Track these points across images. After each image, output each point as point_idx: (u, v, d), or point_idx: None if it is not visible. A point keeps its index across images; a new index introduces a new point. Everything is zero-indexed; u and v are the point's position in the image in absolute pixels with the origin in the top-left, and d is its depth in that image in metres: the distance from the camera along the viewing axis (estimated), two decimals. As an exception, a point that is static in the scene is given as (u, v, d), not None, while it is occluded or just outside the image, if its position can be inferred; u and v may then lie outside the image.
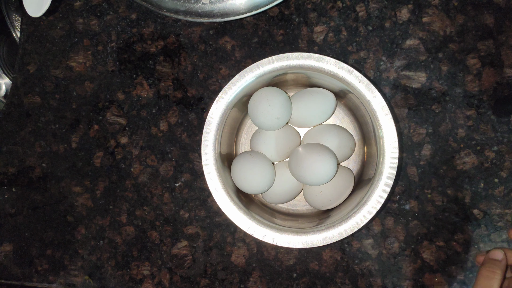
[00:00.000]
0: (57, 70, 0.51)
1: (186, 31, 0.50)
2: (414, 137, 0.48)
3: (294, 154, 0.44)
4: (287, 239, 0.41)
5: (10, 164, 0.52)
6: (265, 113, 0.43)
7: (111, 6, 0.51)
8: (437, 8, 0.48)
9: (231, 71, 0.50)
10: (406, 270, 0.48)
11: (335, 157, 0.42)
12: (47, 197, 0.51)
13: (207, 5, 0.46)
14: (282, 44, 0.49)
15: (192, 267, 0.49)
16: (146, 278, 0.50)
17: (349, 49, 0.49)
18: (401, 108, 0.48)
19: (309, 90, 0.46)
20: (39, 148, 0.52)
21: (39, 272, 0.51)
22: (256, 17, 0.49)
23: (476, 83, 0.48)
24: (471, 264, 0.47)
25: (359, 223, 0.41)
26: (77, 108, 0.51)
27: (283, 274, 0.49)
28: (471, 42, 0.48)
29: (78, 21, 0.51)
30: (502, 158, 0.47)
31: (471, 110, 0.48)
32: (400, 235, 0.48)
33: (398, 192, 0.48)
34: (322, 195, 0.45)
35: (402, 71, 0.48)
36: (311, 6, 0.49)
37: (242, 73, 0.42)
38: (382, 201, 0.41)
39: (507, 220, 0.47)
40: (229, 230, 0.49)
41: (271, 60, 0.42)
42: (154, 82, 0.50)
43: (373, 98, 0.41)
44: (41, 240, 0.51)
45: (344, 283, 0.48)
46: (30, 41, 0.52)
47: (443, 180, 0.48)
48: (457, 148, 0.48)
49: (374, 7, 0.49)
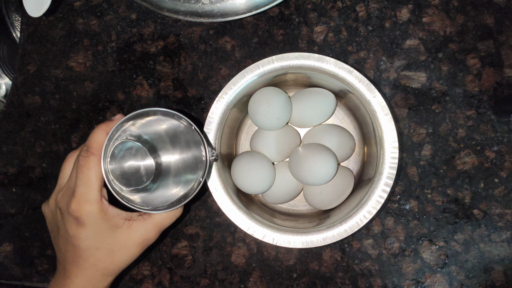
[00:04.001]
0: (57, 70, 0.51)
1: (186, 31, 0.50)
2: (414, 137, 0.48)
3: (294, 154, 0.44)
4: (287, 239, 0.41)
5: (10, 164, 0.52)
6: (265, 113, 0.43)
7: (111, 6, 0.51)
8: (437, 8, 0.48)
9: (231, 71, 0.50)
10: (406, 270, 0.48)
11: (335, 157, 0.42)
12: (47, 197, 0.51)
13: (207, 5, 0.46)
14: (282, 44, 0.49)
15: (192, 267, 0.49)
16: (146, 278, 0.50)
17: (349, 49, 0.49)
18: (401, 108, 0.48)
19: (309, 90, 0.46)
20: (39, 148, 0.52)
21: (39, 272, 0.51)
22: (256, 17, 0.49)
23: (476, 83, 0.48)
24: (471, 264, 0.47)
25: (359, 223, 0.41)
26: (77, 108, 0.51)
27: (283, 274, 0.49)
28: (471, 42, 0.48)
29: (78, 21, 0.51)
30: (502, 158, 0.47)
31: (471, 110, 0.48)
32: (400, 235, 0.48)
33: (398, 192, 0.48)
34: (322, 195, 0.45)
35: (402, 71, 0.48)
36: (311, 6, 0.49)
37: (242, 73, 0.42)
38: (382, 201, 0.41)
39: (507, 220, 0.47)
40: (229, 230, 0.49)
41: (271, 60, 0.42)
42: (154, 82, 0.50)
43: (373, 98, 0.42)
44: (41, 240, 0.51)
45: (344, 283, 0.48)
46: (30, 41, 0.52)
47: (443, 180, 0.48)
48: (457, 148, 0.48)
49: (374, 7, 0.49)
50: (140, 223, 0.37)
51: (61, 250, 0.38)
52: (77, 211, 0.35)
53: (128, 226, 0.37)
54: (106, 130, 0.36)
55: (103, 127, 0.36)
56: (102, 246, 0.36)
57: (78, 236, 0.36)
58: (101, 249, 0.36)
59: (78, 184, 0.35)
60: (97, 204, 0.35)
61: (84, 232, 0.36)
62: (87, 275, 0.37)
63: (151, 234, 0.38)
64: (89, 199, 0.35)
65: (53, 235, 0.39)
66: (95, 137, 0.36)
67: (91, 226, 0.36)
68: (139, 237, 0.37)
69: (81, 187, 0.35)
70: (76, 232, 0.36)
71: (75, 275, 0.37)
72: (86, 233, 0.36)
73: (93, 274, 0.37)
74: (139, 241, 0.37)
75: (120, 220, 0.37)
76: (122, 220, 0.37)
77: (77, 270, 0.37)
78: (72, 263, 0.37)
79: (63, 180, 0.38)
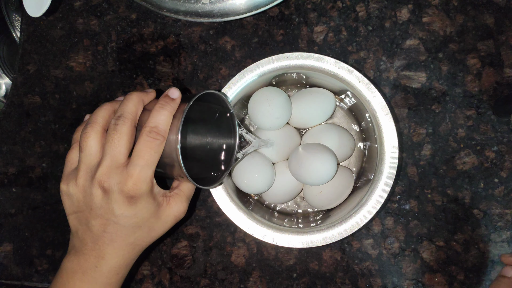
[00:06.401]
0: (57, 70, 0.51)
1: (186, 31, 0.50)
2: (414, 137, 0.48)
3: (294, 154, 0.44)
4: (287, 239, 0.41)
5: (10, 164, 0.52)
6: (265, 113, 0.43)
7: (111, 6, 0.51)
8: (437, 8, 0.48)
9: (231, 71, 0.50)
10: (406, 270, 0.48)
11: (335, 157, 0.42)
12: (47, 197, 0.51)
13: (207, 5, 0.46)
14: (282, 44, 0.49)
15: (192, 267, 0.49)
16: (146, 278, 0.50)
17: (349, 49, 0.49)
18: (401, 108, 0.48)
19: (309, 90, 0.46)
20: (39, 148, 0.52)
21: (39, 272, 0.51)
22: (256, 17, 0.49)
23: (476, 83, 0.48)
24: (471, 264, 0.47)
25: (359, 223, 0.41)
26: (77, 108, 0.51)
27: (283, 274, 0.49)
28: (471, 42, 0.48)
29: (78, 21, 0.51)
30: (502, 158, 0.47)
31: (471, 110, 0.48)
32: (400, 235, 0.48)
33: (398, 192, 0.48)
34: (322, 195, 0.45)
35: (402, 71, 0.48)
36: (311, 6, 0.49)
37: (242, 73, 0.42)
38: (382, 201, 0.41)
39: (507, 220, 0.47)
40: (229, 230, 0.49)
41: (271, 60, 0.42)
42: (154, 82, 0.50)
43: (373, 98, 0.42)
44: (41, 240, 0.51)
45: (344, 283, 0.48)
46: (30, 41, 0.52)
47: (443, 180, 0.48)
48: (457, 148, 0.48)
49: (374, 7, 0.49)
50: (176, 198, 0.38)
51: (94, 230, 0.36)
52: (132, 191, 0.34)
53: (167, 203, 0.37)
54: (168, 110, 0.35)
55: (168, 108, 0.35)
56: (145, 224, 0.37)
57: (125, 214, 0.35)
58: (143, 227, 0.37)
59: (138, 163, 0.34)
60: (151, 183, 0.36)
61: (133, 211, 0.35)
62: (124, 254, 0.37)
63: (185, 206, 0.39)
64: (146, 178, 0.35)
65: (80, 216, 0.37)
66: (163, 119, 0.35)
67: (141, 205, 0.36)
68: (176, 211, 0.38)
69: (144, 168, 0.34)
70: (125, 210, 0.35)
71: (111, 255, 0.36)
72: (135, 212, 0.35)
73: (129, 252, 0.37)
74: (176, 215, 0.38)
75: (160, 197, 0.37)
76: (162, 198, 0.37)
77: (113, 250, 0.36)
78: (109, 244, 0.36)
79: (91, 157, 0.36)
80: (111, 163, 0.35)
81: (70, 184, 0.37)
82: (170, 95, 0.37)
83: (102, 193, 0.35)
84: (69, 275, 0.37)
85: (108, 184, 0.35)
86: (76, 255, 0.37)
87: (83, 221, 0.37)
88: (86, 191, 0.36)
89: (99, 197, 0.35)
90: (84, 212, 0.36)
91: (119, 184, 0.35)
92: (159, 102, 0.36)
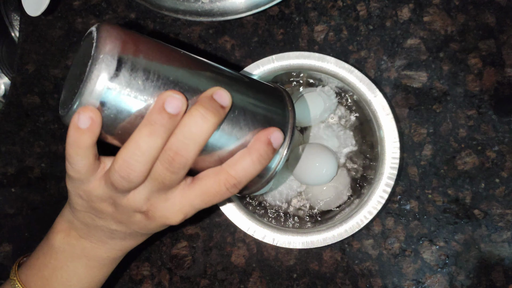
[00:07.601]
0: (56, 69, 0.51)
1: (185, 30, 0.50)
2: (415, 137, 0.48)
3: (294, 154, 0.44)
4: (287, 239, 0.41)
5: (9, 165, 0.52)
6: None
7: (110, 6, 0.51)
8: (438, 7, 0.48)
9: (231, 71, 0.49)
10: (406, 270, 0.47)
11: (335, 157, 0.42)
12: (46, 198, 0.51)
13: (207, 4, 0.46)
14: (282, 43, 0.49)
15: (192, 267, 0.49)
16: (145, 279, 0.50)
17: (349, 49, 0.49)
18: (402, 107, 0.48)
19: (309, 90, 0.46)
20: (38, 148, 0.51)
21: (38, 273, 0.51)
22: (256, 16, 0.49)
23: (477, 83, 0.47)
24: (471, 264, 0.47)
25: (359, 224, 0.41)
26: (76, 108, 0.51)
27: (283, 275, 0.48)
28: (472, 41, 0.48)
29: (77, 20, 0.51)
30: (503, 158, 0.47)
31: (472, 110, 0.47)
32: (400, 235, 0.48)
33: (398, 192, 0.48)
34: (322, 195, 0.45)
35: (403, 70, 0.48)
36: (311, 5, 0.49)
37: (242, 73, 0.42)
38: (382, 201, 0.40)
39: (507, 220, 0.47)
40: (229, 230, 0.49)
41: (271, 59, 0.42)
42: (153, 81, 0.50)
43: (374, 98, 0.41)
44: (41, 240, 0.51)
45: (345, 283, 0.48)
46: (29, 41, 0.51)
47: (443, 180, 0.47)
48: (458, 148, 0.47)
49: (375, 6, 0.48)
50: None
51: (114, 227, 0.34)
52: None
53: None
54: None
55: (254, 159, 0.30)
56: None
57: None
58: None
59: (196, 196, 0.31)
60: None
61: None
62: (135, 244, 0.37)
63: None
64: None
65: (105, 210, 0.34)
66: (247, 170, 0.30)
67: None
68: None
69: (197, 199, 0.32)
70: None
71: (125, 248, 0.37)
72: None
73: (140, 241, 0.38)
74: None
75: None
76: None
77: (129, 245, 0.37)
78: (133, 237, 0.36)
79: None
80: (158, 185, 0.33)
81: (91, 182, 0.34)
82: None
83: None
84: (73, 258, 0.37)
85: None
86: (78, 239, 0.37)
87: (104, 217, 0.35)
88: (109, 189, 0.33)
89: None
90: (105, 209, 0.34)
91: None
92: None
